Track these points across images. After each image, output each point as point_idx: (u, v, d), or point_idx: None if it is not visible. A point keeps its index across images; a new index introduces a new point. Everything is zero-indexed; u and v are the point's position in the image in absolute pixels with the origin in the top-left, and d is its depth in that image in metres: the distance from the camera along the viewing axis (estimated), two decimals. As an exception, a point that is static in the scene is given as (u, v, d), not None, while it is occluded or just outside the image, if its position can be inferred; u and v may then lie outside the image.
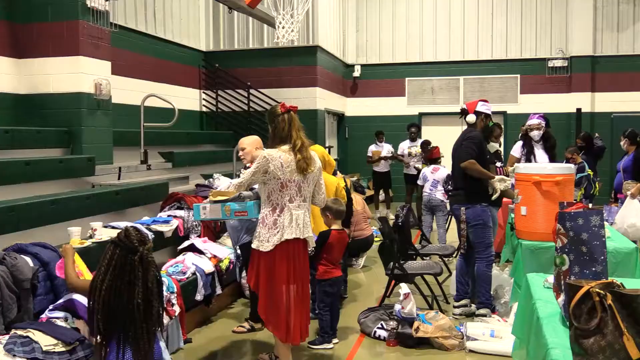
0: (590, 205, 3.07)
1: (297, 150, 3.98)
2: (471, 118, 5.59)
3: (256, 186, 4.20)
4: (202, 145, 10.97)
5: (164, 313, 4.32)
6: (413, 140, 11.32)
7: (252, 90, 12.35)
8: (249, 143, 5.15)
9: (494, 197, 5.39)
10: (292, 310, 4.06)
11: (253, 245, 4.06)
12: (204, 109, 12.73)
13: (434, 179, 8.35)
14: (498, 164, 6.65)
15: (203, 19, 12.87)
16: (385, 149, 12.04)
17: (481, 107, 5.60)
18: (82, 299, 3.56)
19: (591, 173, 8.00)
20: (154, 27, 10.71)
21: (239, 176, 4.43)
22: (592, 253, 2.54)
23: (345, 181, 6.25)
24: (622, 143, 7.84)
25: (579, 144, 8.93)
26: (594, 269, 2.54)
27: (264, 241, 3.97)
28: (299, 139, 4.01)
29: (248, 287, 4.43)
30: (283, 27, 8.64)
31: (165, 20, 11.12)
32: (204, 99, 12.71)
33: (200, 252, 5.63)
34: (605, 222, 3.18)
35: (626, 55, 14.32)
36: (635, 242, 5.37)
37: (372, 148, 12.14)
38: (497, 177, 5.38)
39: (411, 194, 10.88)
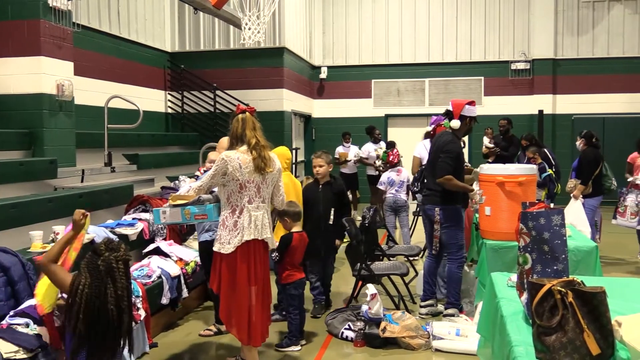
0: (552, 205, 3.13)
1: (252, 148, 3.99)
2: (455, 124, 5.48)
3: (216, 189, 4.19)
4: (168, 147, 10.86)
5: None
6: (377, 142, 11.37)
7: (218, 92, 12.28)
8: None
9: (472, 206, 5.37)
10: (254, 312, 4.07)
11: (215, 248, 4.06)
12: (170, 111, 12.60)
13: (401, 180, 8.42)
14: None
15: (168, 19, 12.74)
16: (353, 151, 12.08)
17: (467, 112, 5.48)
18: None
19: (552, 173, 8.18)
20: (118, 27, 10.56)
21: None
22: (554, 252, 2.59)
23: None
24: (578, 143, 8.06)
25: (524, 145, 9.09)
26: (555, 267, 2.59)
27: (225, 243, 3.98)
28: (253, 138, 4.02)
29: (210, 290, 4.44)
30: (249, 29, 8.60)
31: (130, 21, 10.98)
32: (169, 101, 12.58)
33: (166, 255, 5.57)
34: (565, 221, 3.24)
35: (586, 59, 14.68)
36: None
37: (340, 149, 12.18)
38: (476, 189, 5.30)
39: (376, 194, 10.94)
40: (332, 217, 5.76)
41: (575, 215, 7.26)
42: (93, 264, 2.83)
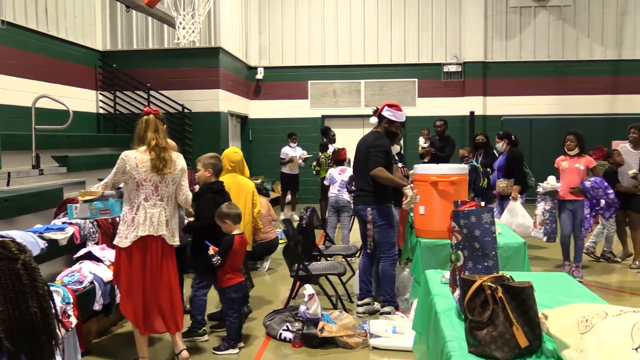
0: (483, 204, 3.24)
1: (151, 149, 4.17)
2: (373, 120, 5.68)
3: (122, 185, 4.38)
4: (99, 148, 10.55)
5: (60, 325, 4.13)
6: (333, 142, 11.34)
7: (152, 92, 12.03)
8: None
9: (406, 203, 5.37)
10: (148, 303, 4.27)
11: (114, 242, 4.29)
12: (101, 111, 12.26)
13: (342, 179, 8.46)
14: (400, 165, 6.85)
15: (99, 17, 12.39)
16: (299, 151, 12.14)
17: (385, 112, 5.59)
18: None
19: (481, 167, 8.42)
20: (46, 24, 10.19)
21: None
22: (484, 249, 2.68)
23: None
24: (501, 145, 8.36)
25: (481, 141, 9.29)
26: (486, 263, 2.68)
27: (123, 237, 4.20)
28: (154, 139, 4.21)
29: None
30: (184, 28, 8.47)
31: (59, 18, 10.61)
32: (101, 101, 12.24)
33: (98, 259, 5.40)
34: (496, 219, 3.35)
35: (514, 62, 15.24)
36: None
37: (286, 150, 12.16)
38: (408, 185, 5.35)
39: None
40: None
41: (521, 216, 7.54)
42: (11, 270, 2.67)
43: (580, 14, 15.13)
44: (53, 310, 2.79)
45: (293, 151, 12.15)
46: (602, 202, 6.93)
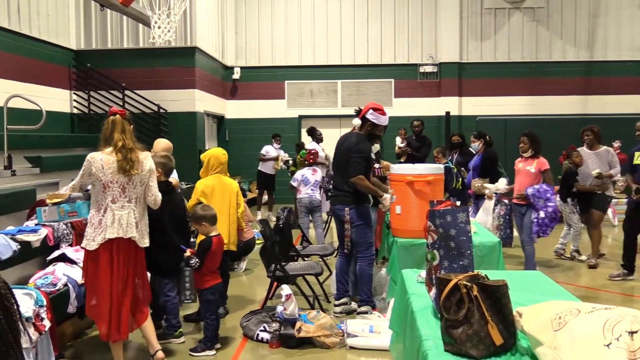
0: (459, 203, 3.26)
1: (117, 150, 4.11)
2: (356, 122, 5.62)
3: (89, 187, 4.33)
4: (74, 149, 10.40)
5: (34, 328, 4.07)
6: (320, 141, 11.29)
7: (127, 92, 11.91)
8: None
9: (382, 206, 5.45)
10: (116, 308, 4.18)
11: (82, 244, 4.21)
12: (75, 111, 12.10)
13: (316, 180, 8.47)
14: (376, 165, 6.88)
15: (73, 16, 12.22)
16: (280, 153, 12.14)
17: (370, 115, 5.54)
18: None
19: (455, 168, 8.50)
20: (19, 23, 10.02)
21: None
22: (460, 248, 2.70)
23: None
24: (477, 144, 8.44)
25: (457, 141, 9.39)
26: (461, 262, 2.71)
27: (90, 240, 4.12)
28: (120, 140, 4.14)
29: None
30: (159, 27, 8.40)
31: (31, 16, 10.44)
32: (75, 100, 12.08)
33: (72, 261, 5.33)
34: (471, 219, 3.39)
35: (489, 63, 15.40)
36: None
37: (268, 149, 12.11)
38: (385, 195, 5.39)
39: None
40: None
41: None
42: None
43: (554, 16, 15.35)
44: (16, 309, 2.75)
45: (275, 152, 12.14)
46: (542, 213, 6.58)
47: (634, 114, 13.23)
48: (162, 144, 6.06)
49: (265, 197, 12.64)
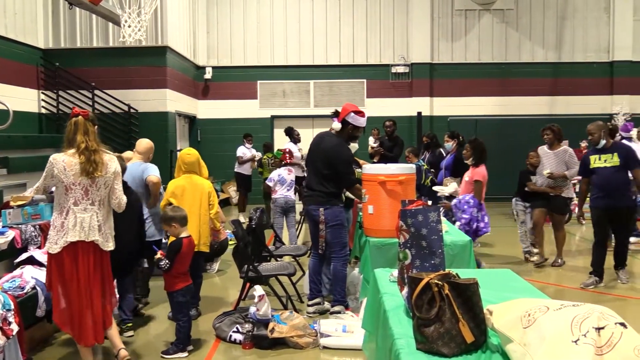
0: (430, 203, 3.29)
1: (80, 152, 4.03)
2: (336, 126, 5.60)
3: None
4: (42, 149, 10.22)
5: (0, 333, 3.99)
6: (297, 142, 11.25)
7: (97, 92, 11.75)
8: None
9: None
10: (83, 312, 4.10)
11: (45, 248, 4.18)
12: (44, 111, 11.89)
13: (291, 180, 8.44)
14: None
15: (41, 14, 12.01)
16: (253, 152, 12.10)
17: (350, 119, 5.56)
18: None
19: (426, 167, 8.57)
20: (-17, 21, 9.83)
21: None
22: (431, 247, 2.72)
23: None
24: (451, 144, 8.51)
25: (425, 142, 9.48)
26: (433, 261, 2.72)
27: (53, 243, 4.03)
28: (83, 142, 4.05)
29: None
30: (129, 26, 8.31)
31: (-3, 14, 10.25)
32: (43, 100, 11.87)
33: (41, 264, 5.24)
34: (442, 218, 3.42)
35: (460, 63, 15.56)
36: None
37: (243, 150, 12.05)
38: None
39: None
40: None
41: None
42: None
43: (523, 18, 15.59)
44: None
45: (249, 152, 12.10)
46: (457, 223, 6.47)
47: (599, 114, 13.51)
48: (144, 144, 6.04)
49: (237, 198, 12.57)
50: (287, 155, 9.01)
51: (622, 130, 9.66)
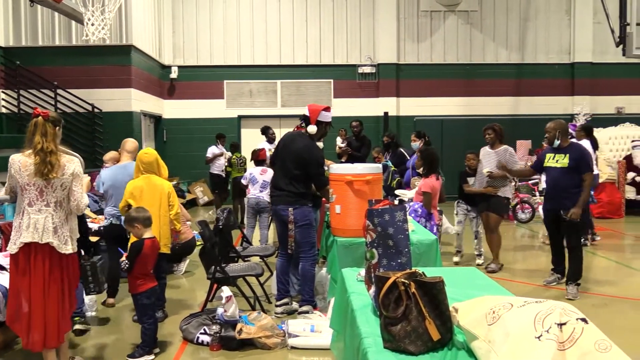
0: (397, 202, 3.32)
1: (35, 153, 3.98)
2: (312, 129, 5.64)
3: None
4: (3, 150, 9.98)
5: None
6: (272, 141, 11.18)
7: (59, 91, 11.53)
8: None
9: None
10: (33, 315, 4.00)
11: (7, 248, 4.12)
12: (4, 110, 11.62)
13: (264, 180, 8.34)
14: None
15: (1, 11, 11.74)
16: (223, 150, 12.02)
17: (323, 117, 5.66)
18: None
19: (393, 168, 8.64)
20: (-60, 18, 9.56)
21: None
22: (398, 246, 2.74)
23: None
24: (418, 143, 8.59)
25: (386, 142, 9.55)
26: (399, 260, 2.74)
27: (12, 243, 4.02)
28: (40, 143, 4.00)
29: None
30: (92, 25, 8.18)
31: (-46, 11, 9.98)
32: (3, 99, 11.61)
33: (3, 268, 5.13)
34: (409, 217, 3.45)
35: (425, 64, 15.72)
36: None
37: (213, 150, 11.95)
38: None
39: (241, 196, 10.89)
40: None
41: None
42: None
43: (487, 19, 15.82)
44: None
45: (219, 151, 12.00)
46: None
47: (561, 114, 13.78)
48: (130, 143, 6.06)
49: (206, 199, 12.47)
50: (260, 154, 8.92)
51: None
